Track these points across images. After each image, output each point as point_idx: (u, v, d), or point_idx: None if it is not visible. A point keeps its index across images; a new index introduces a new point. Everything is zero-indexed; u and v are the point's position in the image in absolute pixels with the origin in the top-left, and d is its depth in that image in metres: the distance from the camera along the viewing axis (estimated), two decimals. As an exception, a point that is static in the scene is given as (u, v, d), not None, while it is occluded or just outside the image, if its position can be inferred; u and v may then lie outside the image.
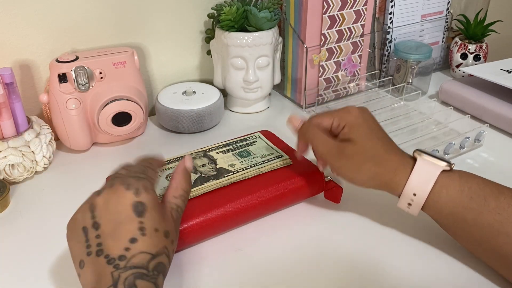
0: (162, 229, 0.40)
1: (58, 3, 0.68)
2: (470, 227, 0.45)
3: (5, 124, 0.60)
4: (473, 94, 0.78)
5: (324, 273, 0.48)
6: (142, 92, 0.70)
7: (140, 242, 0.38)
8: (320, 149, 0.50)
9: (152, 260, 0.37)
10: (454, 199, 0.45)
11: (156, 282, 0.37)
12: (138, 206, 0.39)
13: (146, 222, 0.39)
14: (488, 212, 0.44)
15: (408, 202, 0.48)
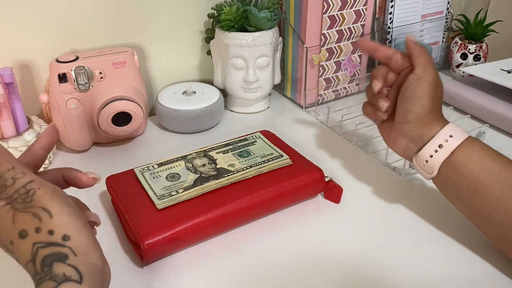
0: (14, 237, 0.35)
1: (58, 3, 0.68)
2: (493, 182, 0.46)
3: (5, 124, 0.60)
4: (473, 94, 0.78)
5: (324, 273, 0.48)
6: (142, 92, 0.70)
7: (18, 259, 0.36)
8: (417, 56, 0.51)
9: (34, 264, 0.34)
10: (485, 149, 0.48)
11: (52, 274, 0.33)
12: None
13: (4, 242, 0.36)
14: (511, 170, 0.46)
15: (440, 144, 0.48)
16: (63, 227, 0.35)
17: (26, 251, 0.35)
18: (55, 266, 0.33)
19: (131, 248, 0.51)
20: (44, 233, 0.35)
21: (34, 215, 0.35)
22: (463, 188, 0.48)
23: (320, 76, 0.82)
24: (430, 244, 0.52)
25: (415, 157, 0.51)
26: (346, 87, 0.86)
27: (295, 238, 0.53)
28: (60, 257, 0.34)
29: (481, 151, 0.48)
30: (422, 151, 0.50)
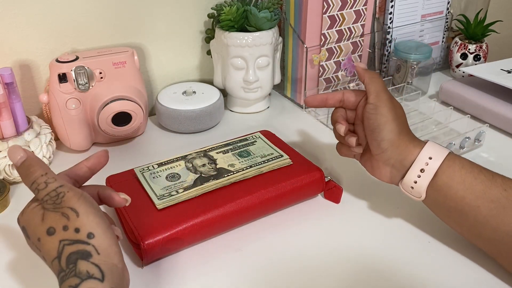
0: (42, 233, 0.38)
1: (58, 3, 0.68)
2: (478, 200, 0.46)
3: (5, 124, 0.60)
4: (473, 94, 0.78)
5: (324, 273, 0.48)
6: (142, 92, 0.70)
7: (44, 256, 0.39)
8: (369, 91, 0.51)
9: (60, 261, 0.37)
10: (466, 167, 0.47)
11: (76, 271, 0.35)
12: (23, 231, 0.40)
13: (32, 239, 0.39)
14: (495, 186, 0.45)
15: (421, 168, 0.48)
16: (89, 225, 0.37)
17: (53, 248, 0.37)
18: (80, 263, 0.36)
19: (131, 248, 0.51)
20: (71, 230, 0.37)
21: (62, 214, 0.38)
22: (451, 209, 0.48)
23: (320, 76, 0.82)
24: (430, 244, 0.52)
25: (401, 183, 0.50)
26: (346, 87, 0.86)
27: (295, 238, 0.53)
28: (85, 254, 0.36)
29: (462, 169, 0.47)
30: (406, 177, 0.49)
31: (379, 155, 0.51)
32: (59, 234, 0.37)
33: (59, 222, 0.37)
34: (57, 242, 0.37)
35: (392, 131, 0.49)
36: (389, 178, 0.52)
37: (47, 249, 0.37)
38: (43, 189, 0.39)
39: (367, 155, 0.54)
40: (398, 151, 0.49)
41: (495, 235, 0.45)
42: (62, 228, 0.37)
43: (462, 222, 0.48)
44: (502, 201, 0.45)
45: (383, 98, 0.50)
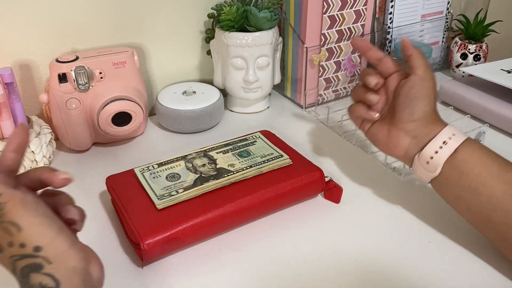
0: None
1: (58, 3, 0.68)
2: (494, 180, 0.46)
3: (5, 124, 0.60)
4: (473, 94, 0.78)
5: (324, 273, 0.48)
6: (142, 92, 0.70)
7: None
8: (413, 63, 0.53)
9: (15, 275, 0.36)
10: (484, 150, 0.49)
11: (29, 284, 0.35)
12: None
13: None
14: (511, 171, 0.46)
15: (444, 141, 0.49)
16: (34, 239, 0.35)
17: (6, 264, 0.36)
18: (32, 276, 0.34)
19: (131, 248, 0.51)
20: (16, 246, 0.35)
21: (5, 230, 0.35)
22: (464, 188, 0.48)
23: (320, 76, 0.82)
24: (430, 244, 0.52)
25: (418, 155, 0.50)
26: (346, 87, 0.86)
27: (295, 238, 0.53)
28: (35, 267, 0.35)
29: (481, 150, 0.48)
30: (426, 149, 0.50)
31: (406, 124, 0.51)
32: (7, 251, 0.35)
33: (4, 239, 0.35)
34: (7, 258, 0.35)
35: (429, 104, 0.51)
36: (405, 150, 0.52)
37: (3, 264, 0.36)
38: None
39: (384, 124, 0.54)
40: (426, 124, 0.51)
41: (506, 219, 0.45)
42: (7, 245, 0.35)
43: (472, 204, 0.48)
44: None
45: (430, 74, 0.52)
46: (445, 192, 0.50)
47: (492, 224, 0.47)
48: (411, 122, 0.51)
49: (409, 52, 0.53)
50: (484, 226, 0.48)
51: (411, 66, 0.52)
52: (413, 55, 0.52)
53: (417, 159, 0.51)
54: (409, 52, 0.53)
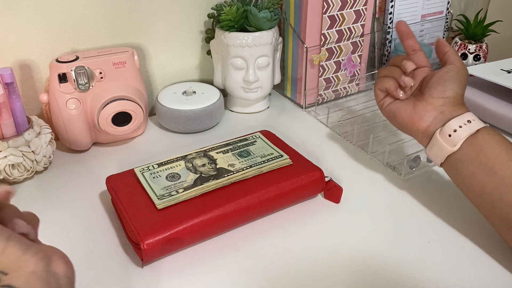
0: None
1: (58, 3, 0.68)
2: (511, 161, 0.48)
3: (5, 124, 0.60)
4: (473, 94, 0.78)
5: (324, 273, 0.48)
6: (142, 92, 0.70)
7: None
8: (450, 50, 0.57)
9: None
10: (503, 137, 0.51)
11: None
12: None
13: None
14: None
15: (468, 119, 0.52)
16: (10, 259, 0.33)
17: None
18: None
19: (131, 248, 0.51)
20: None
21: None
22: (481, 165, 0.49)
23: (320, 76, 0.82)
24: (430, 244, 0.52)
25: (441, 129, 0.53)
26: (346, 87, 0.86)
27: (295, 238, 0.53)
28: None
29: (500, 136, 0.51)
30: (449, 123, 0.52)
31: (436, 99, 0.54)
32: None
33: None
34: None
35: (461, 88, 0.55)
36: (428, 123, 0.54)
37: None
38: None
39: (409, 101, 0.57)
40: (454, 103, 0.54)
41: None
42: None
43: (486, 183, 0.49)
44: None
45: (465, 67, 0.56)
46: (459, 170, 0.51)
47: (502, 205, 0.47)
48: (442, 98, 0.54)
49: (446, 49, 0.58)
50: (493, 207, 0.48)
51: (448, 60, 0.57)
52: (451, 51, 0.57)
53: (439, 133, 0.53)
54: (446, 49, 0.58)
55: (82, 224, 0.55)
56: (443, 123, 0.53)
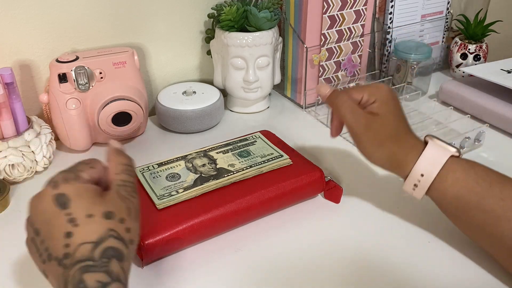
0: (98, 212, 0.36)
1: (58, 3, 0.68)
2: (472, 211, 0.45)
3: (5, 124, 0.60)
4: (473, 94, 0.78)
5: (324, 273, 0.48)
6: (142, 92, 0.70)
7: (75, 234, 0.35)
8: (348, 117, 0.50)
9: (96, 248, 0.35)
10: (460, 182, 0.46)
11: (108, 269, 0.34)
12: (58, 198, 0.36)
13: (74, 212, 0.36)
14: (492, 197, 0.45)
15: (414, 183, 0.48)
16: (136, 233, 0.38)
17: (97, 231, 0.35)
18: (113, 262, 0.34)
19: (131, 248, 0.51)
20: (123, 227, 0.36)
21: (127, 208, 0.38)
22: (447, 213, 0.49)
23: (320, 76, 0.82)
24: (430, 244, 0.52)
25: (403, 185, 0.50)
26: (346, 87, 0.86)
27: (295, 238, 0.53)
28: (120, 257, 0.35)
29: (456, 184, 0.46)
30: (403, 186, 0.50)
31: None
32: (112, 223, 0.36)
33: (121, 212, 0.37)
34: (105, 229, 0.35)
35: (379, 158, 0.50)
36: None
37: (89, 229, 0.35)
38: (127, 175, 0.40)
39: None
40: (393, 167, 0.50)
41: (491, 240, 0.45)
42: (119, 220, 0.36)
43: (459, 225, 0.49)
44: (497, 211, 0.44)
45: (359, 130, 0.50)
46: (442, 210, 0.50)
47: (481, 241, 0.47)
48: (378, 160, 0.50)
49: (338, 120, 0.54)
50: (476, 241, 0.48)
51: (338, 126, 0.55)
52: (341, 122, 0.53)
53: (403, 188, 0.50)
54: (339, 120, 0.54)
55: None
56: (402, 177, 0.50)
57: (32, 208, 0.38)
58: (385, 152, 0.49)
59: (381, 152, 0.49)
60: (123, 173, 0.41)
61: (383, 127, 0.49)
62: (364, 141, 0.50)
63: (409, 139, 0.50)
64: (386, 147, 0.49)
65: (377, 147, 0.49)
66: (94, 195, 0.37)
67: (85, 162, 0.41)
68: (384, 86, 0.51)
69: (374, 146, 0.49)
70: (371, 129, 0.49)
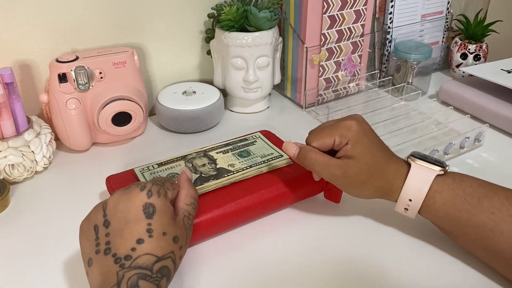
0: (170, 233, 0.40)
1: (58, 3, 0.68)
2: (465, 228, 0.46)
3: (5, 124, 0.60)
4: (473, 94, 0.78)
5: (324, 273, 0.48)
6: (142, 92, 0.70)
7: (146, 243, 0.38)
8: (323, 174, 0.50)
9: (157, 263, 0.38)
10: (448, 202, 0.46)
11: (159, 284, 0.37)
12: (148, 207, 0.40)
13: (155, 225, 0.39)
14: (482, 212, 0.45)
15: (404, 207, 0.49)
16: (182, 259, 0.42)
17: (163, 249, 0.39)
18: (163, 280, 0.38)
19: (131, 248, 0.51)
20: (179, 255, 0.41)
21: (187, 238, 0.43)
22: (441, 230, 0.49)
23: (320, 76, 0.82)
24: (431, 244, 0.52)
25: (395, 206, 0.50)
26: (346, 87, 0.86)
27: (295, 238, 0.53)
28: (169, 277, 0.39)
29: (444, 206, 0.46)
30: (396, 207, 0.50)
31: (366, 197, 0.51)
32: (175, 247, 0.40)
33: (182, 240, 0.41)
34: (169, 249, 0.39)
35: (366, 195, 0.50)
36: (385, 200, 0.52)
37: (159, 244, 0.39)
38: (194, 212, 0.45)
39: None
40: (382, 196, 0.50)
41: (487, 253, 0.46)
42: (179, 247, 0.40)
43: (455, 240, 0.49)
44: (489, 224, 0.44)
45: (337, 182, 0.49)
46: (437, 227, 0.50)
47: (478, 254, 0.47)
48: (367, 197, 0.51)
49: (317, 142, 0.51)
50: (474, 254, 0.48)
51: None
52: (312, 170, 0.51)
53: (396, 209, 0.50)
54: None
55: (82, 224, 0.55)
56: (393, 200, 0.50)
57: (114, 201, 0.41)
58: (370, 189, 0.49)
59: (366, 191, 0.50)
60: (191, 206, 0.45)
61: (360, 170, 0.48)
62: (346, 187, 0.50)
63: (390, 167, 0.49)
64: (370, 185, 0.49)
65: (361, 189, 0.49)
66: (172, 216, 0.42)
67: (171, 181, 0.45)
68: (353, 125, 0.49)
69: (357, 189, 0.49)
70: (349, 176, 0.48)
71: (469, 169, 0.65)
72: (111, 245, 0.38)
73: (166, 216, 0.41)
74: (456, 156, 0.68)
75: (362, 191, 0.50)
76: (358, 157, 0.48)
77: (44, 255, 0.50)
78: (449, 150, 0.66)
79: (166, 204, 0.41)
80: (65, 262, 0.49)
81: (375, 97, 0.84)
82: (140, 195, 0.40)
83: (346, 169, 0.48)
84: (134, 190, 0.41)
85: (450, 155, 0.67)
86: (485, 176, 0.48)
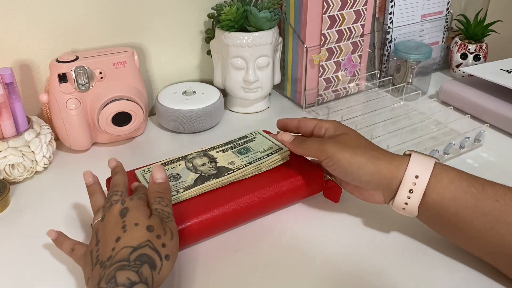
0: (143, 223, 0.42)
1: (58, 3, 0.68)
2: (472, 215, 0.45)
3: (5, 124, 0.60)
4: (473, 94, 0.78)
5: (323, 272, 0.48)
6: (142, 92, 0.70)
7: (123, 238, 0.41)
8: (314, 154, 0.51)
9: (133, 252, 0.39)
10: (455, 181, 0.46)
11: (139, 270, 0.38)
12: (123, 210, 0.43)
13: (128, 220, 0.42)
14: (486, 198, 0.44)
15: (409, 189, 0.46)
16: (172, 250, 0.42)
17: (138, 239, 0.40)
18: (144, 267, 0.39)
19: (131, 248, 0.51)
20: (160, 243, 0.41)
21: (164, 228, 0.43)
22: (445, 224, 0.47)
23: (320, 76, 0.82)
24: (430, 245, 0.52)
25: (392, 205, 0.49)
26: (346, 87, 0.86)
27: (295, 237, 0.53)
28: (153, 265, 0.40)
29: (451, 184, 0.46)
30: (396, 200, 0.48)
31: (365, 188, 0.50)
32: (151, 235, 0.41)
33: (159, 230, 0.42)
34: (145, 238, 0.40)
35: (363, 166, 0.48)
36: (383, 200, 0.50)
37: (132, 235, 0.40)
38: (164, 206, 0.45)
39: (351, 186, 0.52)
40: (382, 176, 0.48)
41: (490, 247, 0.45)
42: (156, 236, 0.41)
43: (456, 236, 0.48)
44: (495, 213, 0.44)
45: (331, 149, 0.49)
46: (430, 225, 0.50)
47: (479, 251, 0.47)
48: (367, 186, 0.49)
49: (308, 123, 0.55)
50: (474, 252, 0.48)
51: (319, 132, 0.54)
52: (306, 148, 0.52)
53: (393, 207, 0.49)
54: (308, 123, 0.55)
55: (83, 224, 0.55)
56: (393, 195, 0.48)
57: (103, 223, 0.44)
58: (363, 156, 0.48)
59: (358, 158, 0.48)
60: (155, 203, 0.45)
61: (350, 139, 0.50)
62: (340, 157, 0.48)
63: (385, 152, 0.50)
64: (362, 152, 0.48)
65: (352, 154, 0.48)
66: (146, 212, 0.43)
67: (145, 188, 0.49)
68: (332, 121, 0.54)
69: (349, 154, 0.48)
70: (340, 142, 0.49)
71: (469, 169, 0.64)
72: (99, 255, 0.41)
73: (139, 210, 0.43)
74: (456, 156, 0.68)
75: (354, 157, 0.48)
76: (346, 131, 0.52)
77: (44, 255, 0.50)
78: (449, 150, 0.66)
79: (139, 203, 0.44)
80: (65, 262, 0.49)
81: (375, 97, 0.84)
82: (117, 205, 0.44)
83: (337, 138, 0.50)
84: (112, 206, 0.44)
85: (450, 155, 0.67)
86: (485, 176, 0.48)
